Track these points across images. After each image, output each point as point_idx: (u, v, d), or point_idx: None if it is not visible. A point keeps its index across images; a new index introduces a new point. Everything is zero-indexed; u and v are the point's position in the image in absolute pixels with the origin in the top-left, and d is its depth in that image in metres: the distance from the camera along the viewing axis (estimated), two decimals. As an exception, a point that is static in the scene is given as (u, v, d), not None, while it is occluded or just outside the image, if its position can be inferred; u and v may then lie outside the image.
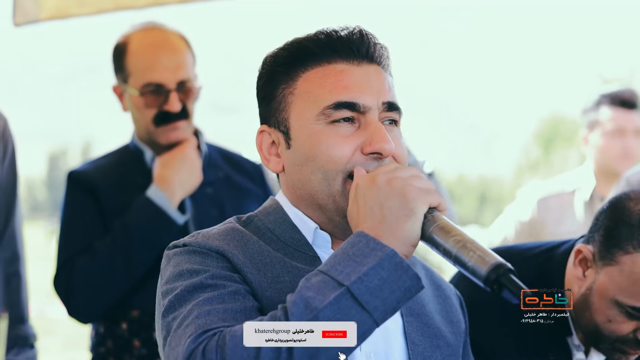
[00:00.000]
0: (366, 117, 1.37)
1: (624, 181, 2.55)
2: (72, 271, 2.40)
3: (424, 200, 1.26)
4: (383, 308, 1.21)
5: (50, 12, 2.72)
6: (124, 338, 2.47)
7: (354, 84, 1.37)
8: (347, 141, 1.36)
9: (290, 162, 1.41)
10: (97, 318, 2.50)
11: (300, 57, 1.41)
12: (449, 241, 1.23)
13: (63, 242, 2.49)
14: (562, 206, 3.49)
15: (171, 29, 2.57)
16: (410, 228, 1.24)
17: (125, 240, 2.38)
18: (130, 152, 2.60)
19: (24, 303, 2.64)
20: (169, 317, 1.29)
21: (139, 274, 2.40)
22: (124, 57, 2.50)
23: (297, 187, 1.41)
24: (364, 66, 1.40)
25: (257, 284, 1.32)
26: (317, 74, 1.39)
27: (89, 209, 2.48)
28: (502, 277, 1.19)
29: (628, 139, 3.41)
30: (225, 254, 1.34)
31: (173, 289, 1.31)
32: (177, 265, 1.34)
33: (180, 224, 2.44)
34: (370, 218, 1.26)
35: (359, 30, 1.41)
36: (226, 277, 1.30)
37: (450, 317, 1.52)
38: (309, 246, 1.40)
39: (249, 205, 2.61)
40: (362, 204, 1.28)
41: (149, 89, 2.46)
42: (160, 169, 2.47)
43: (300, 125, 1.39)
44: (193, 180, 2.49)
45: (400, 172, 1.29)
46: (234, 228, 1.42)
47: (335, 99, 1.36)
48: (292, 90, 1.40)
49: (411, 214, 1.24)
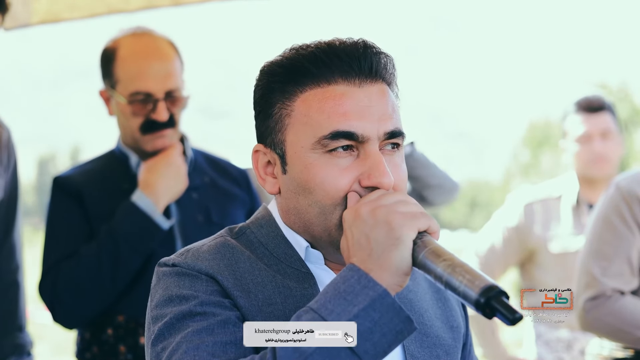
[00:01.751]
0: (365, 148, 1.31)
1: (613, 186, 2.56)
2: (58, 277, 2.38)
3: (411, 226, 1.21)
4: (374, 352, 1.18)
5: (41, 17, 2.70)
6: (109, 343, 2.45)
7: (353, 110, 1.30)
8: (344, 173, 1.30)
9: (287, 187, 1.36)
10: (83, 324, 2.49)
11: (297, 76, 1.33)
12: (440, 265, 1.19)
13: (48, 247, 2.47)
14: (548, 211, 3.50)
15: (160, 34, 2.55)
16: (398, 257, 1.20)
17: (111, 246, 2.36)
18: (116, 157, 2.59)
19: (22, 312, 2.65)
20: (157, 347, 1.26)
21: (124, 279, 2.39)
22: (113, 63, 2.48)
23: (292, 213, 1.36)
24: (365, 87, 1.32)
25: (247, 310, 1.29)
26: (316, 96, 1.32)
27: (74, 214, 2.46)
28: (492, 299, 1.15)
29: (595, 143, 3.42)
30: (214, 277, 1.30)
31: (162, 316, 1.27)
32: (166, 289, 1.30)
33: (165, 229, 2.43)
34: (359, 251, 1.22)
35: (361, 44, 1.33)
36: (216, 304, 1.27)
37: (450, 322, 1.50)
38: (301, 262, 1.36)
39: (235, 210, 2.61)
40: (350, 237, 1.24)
41: (137, 98, 2.44)
42: (145, 174, 2.46)
43: (295, 153, 1.32)
44: (178, 186, 2.48)
45: (384, 200, 1.24)
46: (224, 243, 1.37)
47: (333, 128, 1.29)
48: (289, 112, 1.33)
49: (398, 242, 1.20)
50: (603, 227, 2.52)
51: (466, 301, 1.18)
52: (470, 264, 1.20)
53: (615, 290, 2.46)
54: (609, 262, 2.47)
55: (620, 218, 2.49)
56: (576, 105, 3.48)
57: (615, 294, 2.45)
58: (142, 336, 2.43)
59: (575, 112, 3.48)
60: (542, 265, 3.48)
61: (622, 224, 2.48)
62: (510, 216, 3.56)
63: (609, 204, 2.52)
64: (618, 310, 2.43)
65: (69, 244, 2.43)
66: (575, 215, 3.45)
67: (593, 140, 3.42)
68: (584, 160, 3.45)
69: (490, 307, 1.16)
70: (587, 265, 2.52)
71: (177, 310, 1.26)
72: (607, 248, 2.49)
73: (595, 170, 3.44)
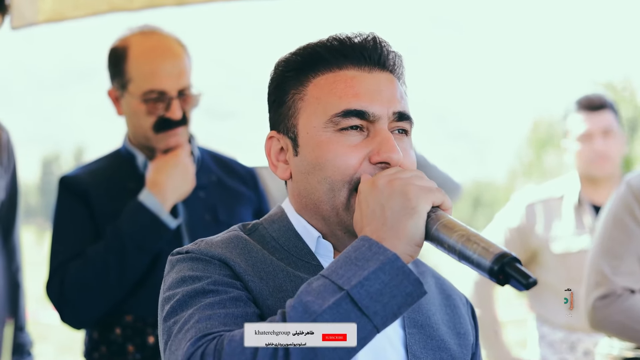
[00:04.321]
0: (375, 126, 1.36)
1: (624, 185, 2.54)
2: (65, 277, 2.38)
3: (426, 199, 1.24)
4: (383, 313, 1.19)
5: (47, 15, 2.70)
6: (117, 343, 2.45)
7: (364, 91, 1.36)
8: (354, 151, 1.34)
9: (298, 169, 1.40)
10: (91, 324, 2.49)
11: (311, 62, 1.39)
12: (453, 237, 1.21)
13: (55, 247, 2.47)
14: (550, 211, 3.48)
15: (168, 33, 2.55)
16: (413, 227, 1.23)
17: (118, 245, 2.36)
18: (122, 157, 2.59)
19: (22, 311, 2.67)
20: (169, 322, 1.28)
21: (132, 278, 2.39)
22: (124, 62, 2.47)
23: (303, 195, 1.40)
24: (375, 73, 1.39)
25: (259, 292, 1.32)
26: (328, 79, 1.38)
27: (80, 214, 2.46)
28: (506, 266, 1.16)
29: (596, 141, 3.39)
30: (227, 262, 1.34)
31: (174, 295, 1.31)
32: (179, 272, 1.34)
33: (172, 228, 2.42)
34: (373, 221, 1.25)
35: (372, 37, 1.40)
36: (228, 284, 1.30)
37: (457, 329, 1.49)
38: (312, 255, 1.40)
39: (242, 209, 2.61)
40: (365, 208, 1.27)
41: (151, 96, 2.44)
42: (153, 173, 2.46)
43: (308, 133, 1.37)
44: (186, 186, 2.48)
45: (402, 174, 1.28)
46: (237, 236, 1.41)
47: (344, 107, 1.35)
48: (301, 96, 1.39)
49: (413, 212, 1.23)
50: (614, 226, 2.51)
51: (480, 269, 1.19)
52: (483, 234, 1.22)
53: (625, 289, 2.44)
54: (619, 261, 2.46)
55: (631, 216, 2.48)
56: (577, 104, 3.46)
57: (625, 292, 2.44)
58: (150, 336, 2.43)
59: (576, 110, 3.46)
60: (545, 265, 3.47)
61: (633, 222, 2.47)
62: (512, 217, 3.55)
63: (619, 203, 2.51)
64: (628, 309, 2.42)
65: (75, 244, 2.43)
66: (577, 215, 3.43)
67: (594, 139, 3.40)
68: (585, 159, 3.43)
69: (504, 274, 1.16)
70: (598, 264, 2.50)
71: (189, 289, 1.30)
72: (618, 247, 2.48)
73: (597, 169, 3.42)
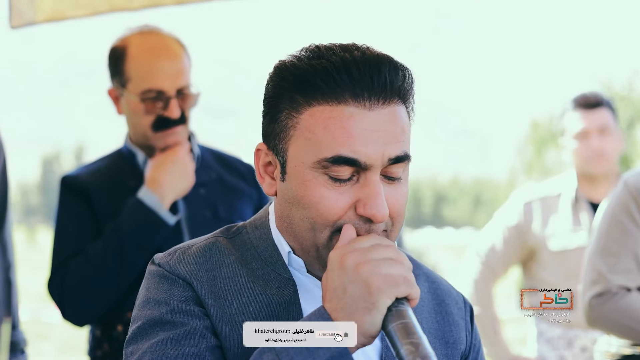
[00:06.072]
0: (366, 174, 1.26)
1: (621, 184, 2.55)
2: (66, 274, 2.40)
3: (389, 293, 1.18)
4: None
5: (46, 15, 2.70)
6: (119, 341, 2.46)
7: (359, 135, 1.24)
8: (340, 198, 1.27)
9: (283, 195, 1.34)
10: (92, 321, 2.51)
11: (307, 89, 1.27)
12: (404, 347, 1.15)
13: (57, 246, 2.49)
14: (547, 209, 3.50)
15: (168, 33, 2.56)
16: (369, 321, 1.17)
17: (118, 242, 2.39)
18: (123, 156, 2.61)
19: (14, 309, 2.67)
20: (128, 349, 1.31)
21: (132, 275, 2.40)
22: (123, 62, 2.49)
23: (285, 221, 1.35)
24: (376, 110, 1.26)
25: (217, 318, 1.30)
26: (323, 113, 1.26)
27: (82, 212, 2.48)
28: None
29: (593, 139, 3.40)
30: (191, 283, 1.32)
31: (139, 318, 1.33)
32: (147, 290, 1.36)
33: (171, 225, 2.44)
34: (334, 299, 1.20)
35: (378, 59, 1.26)
36: (186, 313, 1.30)
37: (446, 338, 1.45)
38: (285, 267, 1.36)
39: (242, 206, 2.62)
40: (330, 281, 1.22)
41: (149, 95, 2.46)
42: (151, 171, 2.48)
43: (296, 167, 1.29)
44: (184, 182, 2.49)
45: (374, 253, 1.21)
46: (214, 245, 1.38)
47: (336, 152, 1.25)
48: (294, 123, 1.29)
49: (372, 307, 1.17)
50: (611, 224, 2.51)
51: None
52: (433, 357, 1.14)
53: (621, 287, 2.45)
54: (616, 259, 2.47)
55: (628, 215, 2.48)
56: (574, 102, 3.47)
57: (621, 290, 2.45)
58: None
59: (573, 109, 3.47)
60: (542, 263, 3.48)
61: (630, 221, 2.48)
62: (511, 215, 3.57)
63: (617, 201, 2.52)
64: (624, 307, 2.43)
65: (77, 242, 2.45)
66: (574, 212, 3.44)
67: (590, 137, 3.41)
68: (582, 157, 3.44)
69: None
70: (594, 262, 2.51)
71: (150, 315, 1.31)
72: (615, 245, 2.48)
73: (594, 167, 3.42)
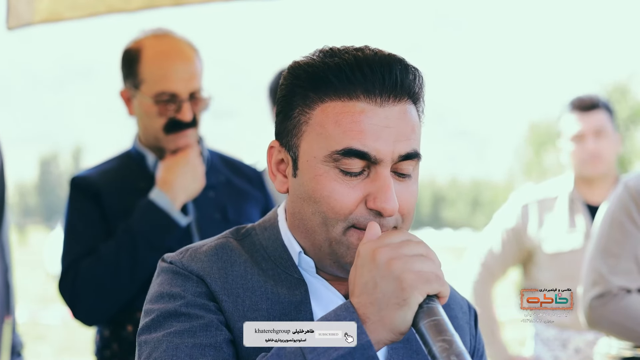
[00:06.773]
0: (377, 169, 1.29)
1: (621, 185, 2.56)
2: (78, 274, 2.43)
3: (421, 290, 1.17)
4: None
5: (44, 16, 2.70)
6: (129, 341, 2.48)
7: (370, 129, 1.27)
8: (351, 192, 1.29)
9: (294, 191, 1.35)
10: (103, 321, 2.53)
11: (319, 85, 1.30)
12: (437, 345, 1.14)
13: (67, 246, 2.51)
14: (543, 211, 3.53)
15: (181, 36, 2.60)
16: (400, 318, 1.17)
17: (129, 243, 2.41)
18: (132, 157, 2.64)
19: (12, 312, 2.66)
20: (141, 338, 1.30)
21: (143, 275, 2.42)
22: (137, 64, 2.52)
23: (297, 217, 1.36)
24: (387, 107, 1.29)
25: (230, 314, 1.31)
26: (335, 108, 1.29)
27: (92, 213, 2.51)
28: None
29: (588, 141, 3.43)
30: (204, 279, 1.33)
31: (152, 311, 1.32)
32: (160, 285, 1.35)
33: (183, 226, 2.47)
34: (363, 294, 1.20)
35: (387, 61, 1.29)
36: (201, 306, 1.30)
37: None
38: (295, 268, 1.37)
39: (250, 208, 2.67)
40: (360, 275, 1.21)
41: (162, 98, 2.49)
42: (163, 172, 2.51)
43: (307, 161, 1.32)
44: (195, 185, 2.53)
45: (406, 249, 1.21)
46: (225, 245, 1.39)
47: (347, 144, 1.27)
48: (307, 119, 1.32)
49: (404, 303, 1.17)
50: (611, 226, 2.52)
51: None
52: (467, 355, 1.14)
53: (621, 288, 2.46)
54: (616, 260, 2.48)
55: (628, 217, 2.49)
56: (570, 105, 3.51)
57: (621, 292, 2.46)
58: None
59: (569, 111, 3.51)
60: (539, 265, 3.52)
61: (630, 222, 2.49)
62: (509, 217, 3.60)
63: (617, 203, 2.53)
64: (624, 308, 2.44)
65: (87, 242, 2.47)
66: (570, 214, 3.47)
67: (586, 139, 3.44)
68: (578, 159, 3.47)
69: None
70: (595, 264, 2.52)
71: (164, 308, 1.30)
72: (615, 246, 2.49)
73: (590, 169, 3.45)
